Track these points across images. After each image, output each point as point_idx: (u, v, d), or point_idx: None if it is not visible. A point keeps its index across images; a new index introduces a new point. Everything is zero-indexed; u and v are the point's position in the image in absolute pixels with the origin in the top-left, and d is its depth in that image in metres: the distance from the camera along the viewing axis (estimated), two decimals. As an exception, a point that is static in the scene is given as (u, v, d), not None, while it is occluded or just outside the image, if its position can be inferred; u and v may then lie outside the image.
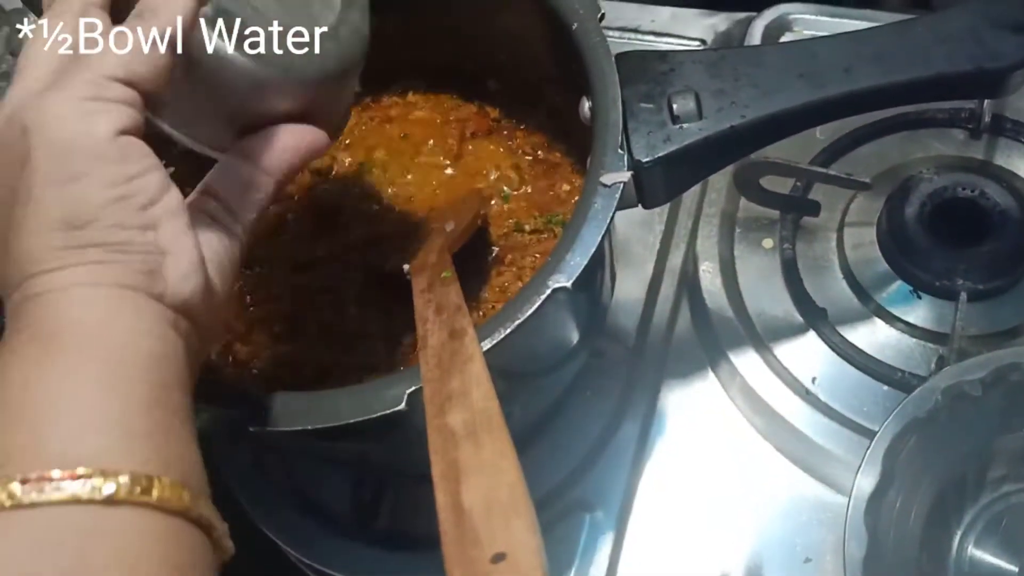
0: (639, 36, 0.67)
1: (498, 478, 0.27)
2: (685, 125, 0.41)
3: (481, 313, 0.47)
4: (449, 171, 0.52)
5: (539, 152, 0.52)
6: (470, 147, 0.53)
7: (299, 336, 0.48)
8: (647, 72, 0.41)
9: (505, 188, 0.51)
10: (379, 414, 0.35)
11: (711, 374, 0.55)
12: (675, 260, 0.59)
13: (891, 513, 0.44)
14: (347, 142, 0.54)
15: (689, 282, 0.57)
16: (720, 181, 0.58)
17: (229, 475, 0.55)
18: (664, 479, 0.52)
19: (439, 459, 0.28)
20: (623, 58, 0.42)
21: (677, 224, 0.59)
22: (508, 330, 0.37)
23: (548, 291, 0.37)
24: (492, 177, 0.52)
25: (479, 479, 0.27)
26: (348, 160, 0.53)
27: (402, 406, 0.35)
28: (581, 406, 0.54)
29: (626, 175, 0.39)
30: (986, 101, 0.58)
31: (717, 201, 0.58)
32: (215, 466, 0.29)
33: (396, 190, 0.52)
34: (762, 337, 0.54)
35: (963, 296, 0.51)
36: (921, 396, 0.44)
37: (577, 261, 0.37)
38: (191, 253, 0.30)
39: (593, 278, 0.46)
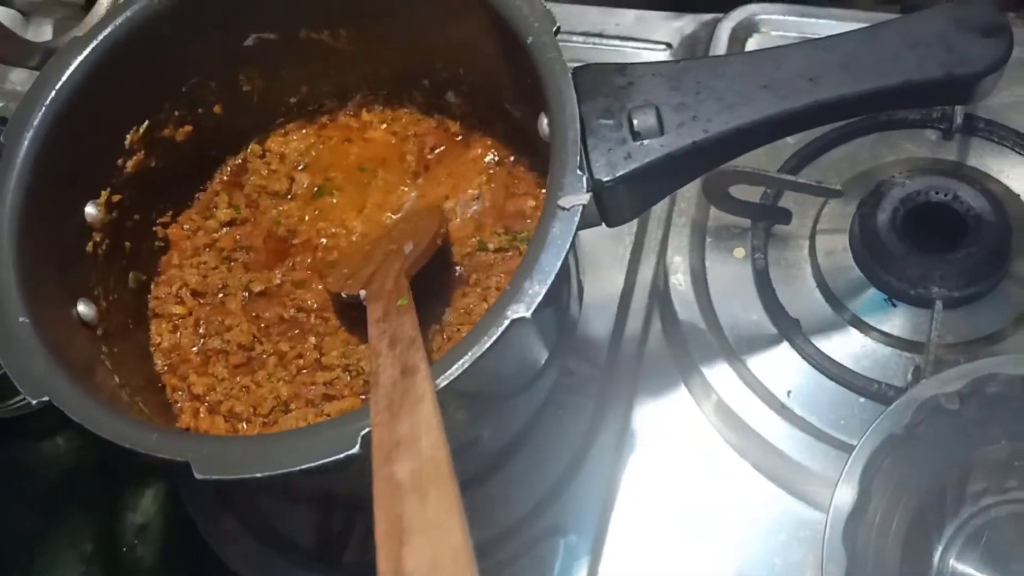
0: (603, 41, 0.66)
1: (443, 540, 0.25)
2: (646, 141, 0.39)
3: (445, 336, 0.46)
4: (409, 189, 0.51)
5: (501, 167, 0.51)
6: (430, 164, 0.51)
7: (256, 367, 0.46)
8: (606, 86, 0.40)
9: (469, 205, 0.50)
10: (332, 459, 0.34)
11: (684, 390, 0.53)
12: (646, 272, 0.57)
13: (870, 532, 0.43)
14: (304, 163, 0.52)
15: (660, 294, 0.56)
16: (690, 190, 0.57)
17: (191, 509, 0.53)
18: (639, 500, 0.51)
19: (383, 516, 0.27)
20: (581, 72, 0.40)
21: (647, 235, 0.58)
22: (468, 363, 0.35)
23: (507, 322, 0.35)
24: (454, 194, 0.50)
25: (423, 540, 0.26)
26: (306, 183, 0.51)
27: (355, 449, 0.34)
28: (552, 427, 0.53)
29: (585, 197, 0.37)
30: (957, 102, 0.56)
31: (687, 210, 0.57)
32: (179, 500, 0.27)
33: (355, 212, 0.50)
34: (735, 350, 0.53)
35: (938, 304, 0.50)
36: (897, 411, 0.43)
37: (536, 290, 0.36)
38: None
39: (557, 300, 0.44)
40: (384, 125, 0.52)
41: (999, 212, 0.52)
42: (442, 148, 0.51)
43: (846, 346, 0.52)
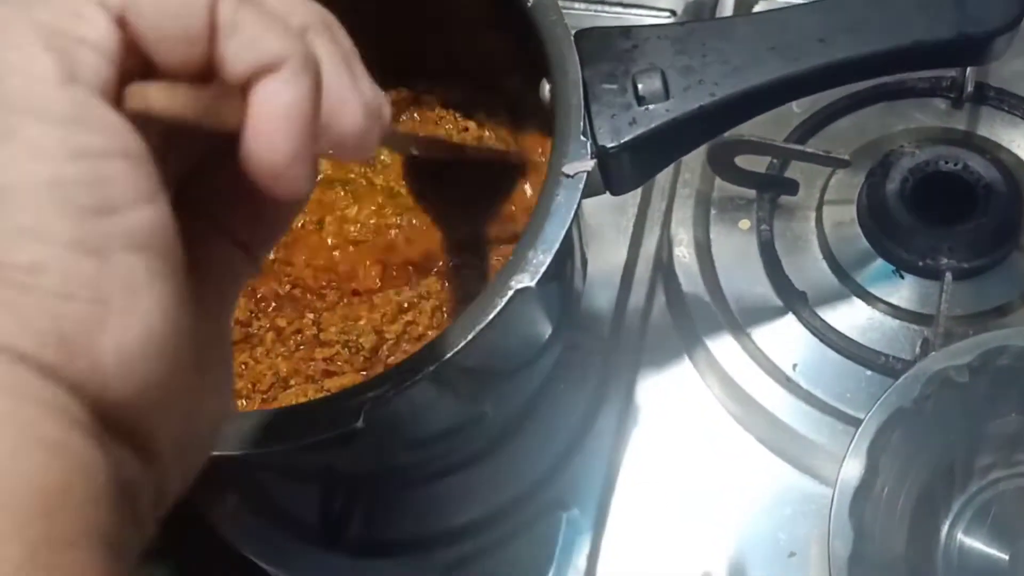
0: (605, 8, 0.64)
1: None
2: (651, 106, 0.38)
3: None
4: None
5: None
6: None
7: (255, 343, 0.46)
8: (609, 50, 0.39)
9: None
10: (335, 432, 0.33)
11: (688, 363, 0.53)
12: (649, 244, 0.56)
13: (877, 507, 0.42)
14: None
15: (664, 267, 0.55)
16: (694, 161, 0.56)
17: (191, 487, 0.53)
18: (642, 474, 0.50)
19: None
20: (583, 36, 0.39)
21: (651, 207, 0.57)
22: (472, 334, 0.34)
23: (511, 292, 0.34)
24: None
25: None
26: None
27: (359, 423, 0.33)
28: (555, 402, 0.52)
29: (589, 164, 0.36)
30: (968, 69, 0.55)
31: (691, 182, 0.56)
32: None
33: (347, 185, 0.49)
34: (740, 323, 0.52)
35: (948, 276, 0.49)
36: (906, 384, 0.42)
37: (540, 259, 0.35)
38: (153, 316, 0.18)
39: (561, 271, 0.43)
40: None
41: (1009, 182, 0.51)
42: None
43: (853, 318, 0.51)
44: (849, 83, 0.41)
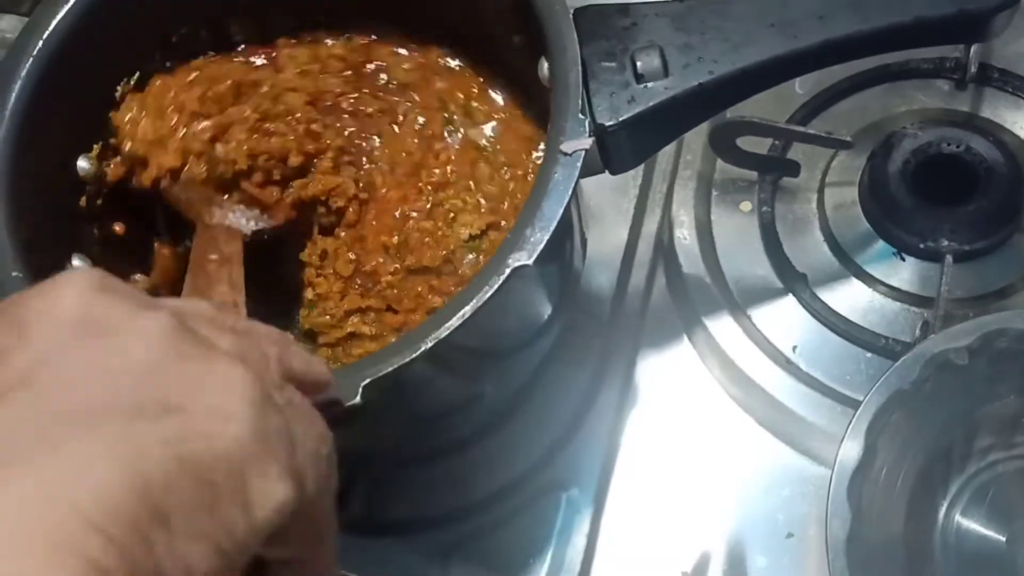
0: (606, -12, 0.64)
1: None
2: (650, 84, 0.38)
3: None
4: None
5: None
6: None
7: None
8: (608, 28, 0.39)
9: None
10: (332, 412, 0.33)
11: (688, 345, 0.53)
12: (650, 225, 0.56)
13: (874, 488, 0.42)
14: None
15: (664, 248, 0.55)
16: (695, 142, 0.55)
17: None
18: (641, 455, 0.51)
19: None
20: (581, 13, 0.39)
21: (652, 188, 0.57)
22: (469, 313, 0.34)
23: (508, 270, 0.34)
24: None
25: None
26: None
27: (356, 400, 0.33)
28: (554, 382, 0.52)
29: (587, 142, 0.36)
30: (972, 49, 0.55)
31: (693, 163, 0.56)
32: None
33: None
34: (740, 305, 0.52)
35: (948, 258, 0.49)
36: (905, 366, 0.42)
37: (538, 237, 0.35)
38: None
39: (560, 251, 0.43)
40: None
41: (1012, 164, 0.51)
42: None
43: (853, 300, 0.51)
44: (850, 60, 0.40)
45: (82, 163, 0.44)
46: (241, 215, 0.45)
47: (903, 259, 0.51)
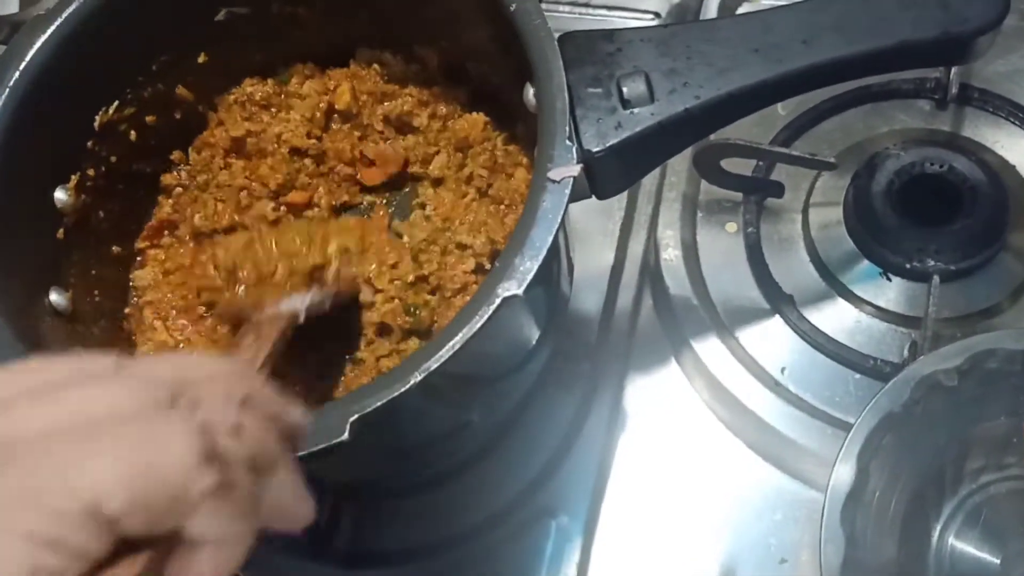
0: (589, 11, 0.64)
1: None
2: (636, 110, 0.38)
3: None
4: None
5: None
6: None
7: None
8: (593, 54, 0.38)
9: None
10: (321, 447, 0.32)
11: (676, 367, 0.52)
12: (636, 247, 0.56)
13: (868, 512, 0.42)
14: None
15: (651, 270, 0.55)
16: (680, 164, 0.55)
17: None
18: (631, 480, 0.50)
19: None
20: (566, 40, 0.39)
21: (637, 210, 0.57)
22: (459, 344, 0.34)
23: (498, 300, 0.34)
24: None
25: None
26: None
27: (344, 437, 0.32)
28: (543, 408, 0.51)
29: (575, 169, 0.36)
30: (953, 70, 0.55)
31: (678, 184, 0.56)
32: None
33: None
34: (728, 326, 0.52)
35: (935, 278, 0.49)
36: (895, 388, 0.42)
37: (527, 266, 0.34)
38: None
39: (548, 277, 0.43)
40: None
41: (995, 183, 0.51)
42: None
43: (841, 321, 0.51)
44: (834, 84, 0.40)
45: (59, 194, 0.43)
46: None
47: (889, 279, 0.51)
